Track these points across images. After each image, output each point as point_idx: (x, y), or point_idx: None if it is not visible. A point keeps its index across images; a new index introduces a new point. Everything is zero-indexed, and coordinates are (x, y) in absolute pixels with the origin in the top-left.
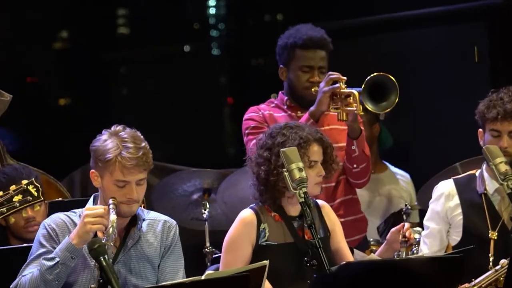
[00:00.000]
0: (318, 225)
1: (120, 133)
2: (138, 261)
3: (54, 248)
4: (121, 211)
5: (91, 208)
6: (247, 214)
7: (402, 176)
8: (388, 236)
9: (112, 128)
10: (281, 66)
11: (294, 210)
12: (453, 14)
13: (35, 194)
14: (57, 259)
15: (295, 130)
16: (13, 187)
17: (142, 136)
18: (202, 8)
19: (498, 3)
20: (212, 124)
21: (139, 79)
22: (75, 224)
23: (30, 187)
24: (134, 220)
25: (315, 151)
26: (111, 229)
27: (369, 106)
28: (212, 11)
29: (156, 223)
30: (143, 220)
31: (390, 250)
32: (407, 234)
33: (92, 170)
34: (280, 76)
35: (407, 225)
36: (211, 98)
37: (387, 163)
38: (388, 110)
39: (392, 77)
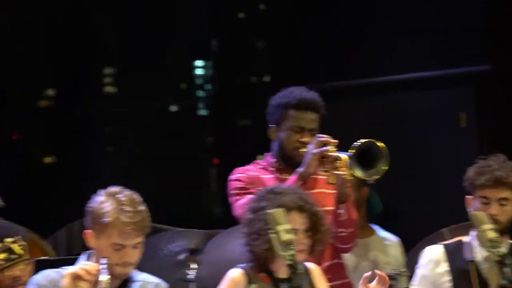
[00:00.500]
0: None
1: (118, 195)
2: None
3: None
4: (115, 273)
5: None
6: (236, 273)
7: (390, 240)
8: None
9: (110, 189)
10: (271, 125)
11: (282, 272)
12: (442, 78)
13: (21, 252)
14: None
15: (277, 196)
16: None
17: (140, 199)
18: (189, 68)
19: (486, 69)
20: (198, 185)
21: (124, 138)
22: None
23: (15, 245)
24: (126, 282)
25: (295, 218)
26: None
27: (357, 173)
28: (199, 71)
29: (147, 285)
30: (135, 281)
31: None
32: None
33: (88, 231)
34: (269, 136)
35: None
36: (197, 158)
37: (374, 227)
38: (376, 177)
39: (382, 145)
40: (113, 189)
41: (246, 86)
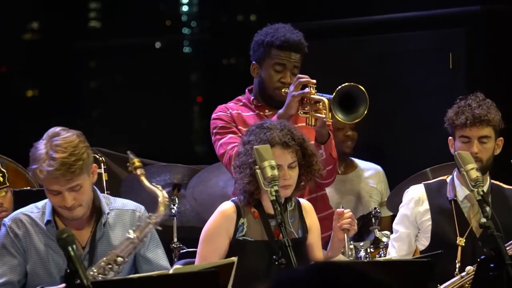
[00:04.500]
0: (297, 224)
1: (54, 138)
2: None
3: (19, 255)
4: (64, 216)
5: None
6: (227, 206)
7: (372, 169)
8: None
9: (53, 130)
10: (253, 62)
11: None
12: (433, 19)
13: (1, 179)
14: None
15: (264, 131)
16: None
17: (81, 143)
18: (174, 5)
19: (476, 9)
20: (181, 122)
21: (109, 73)
22: (36, 225)
23: None
24: (98, 213)
25: (277, 154)
26: None
27: (339, 116)
28: (185, 8)
29: (123, 213)
30: (108, 212)
31: (335, 240)
32: (345, 218)
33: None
34: (251, 73)
35: (346, 210)
36: (181, 95)
37: (355, 160)
38: (357, 121)
39: (363, 88)
40: (56, 130)
41: (232, 24)
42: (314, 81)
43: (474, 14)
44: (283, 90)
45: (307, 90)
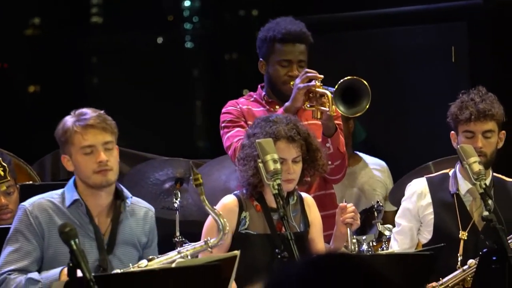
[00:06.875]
0: (299, 219)
1: (79, 110)
2: (126, 247)
3: (36, 240)
4: (96, 183)
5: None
6: (229, 200)
7: (377, 164)
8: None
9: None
10: (260, 59)
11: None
12: (434, 13)
13: (2, 173)
14: (40, 285)
15: (270, 124)
16: None
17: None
18: (176, 0)
19: (478, 3)
20: (184, 117)
21: (111, 69)
22: (58, 210)
23: None
24: (118, 197)
25: (282, 148)
26: None
27: (340, 109)
28: (186, 3)
29: (138, 209)
30: (127, 199)
31: (338, 233)
32: (348, 213)
33: (62, 155)
34: (259, 70)
35: (349, 205)
36: (183, 90)
37: (360, 154)
38: (359, 114)
39: (365, 82)
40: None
41: (234, 19)
42: (321, 76)
43: (476, 7)
44: (291, 83)
45: (312, 83)
